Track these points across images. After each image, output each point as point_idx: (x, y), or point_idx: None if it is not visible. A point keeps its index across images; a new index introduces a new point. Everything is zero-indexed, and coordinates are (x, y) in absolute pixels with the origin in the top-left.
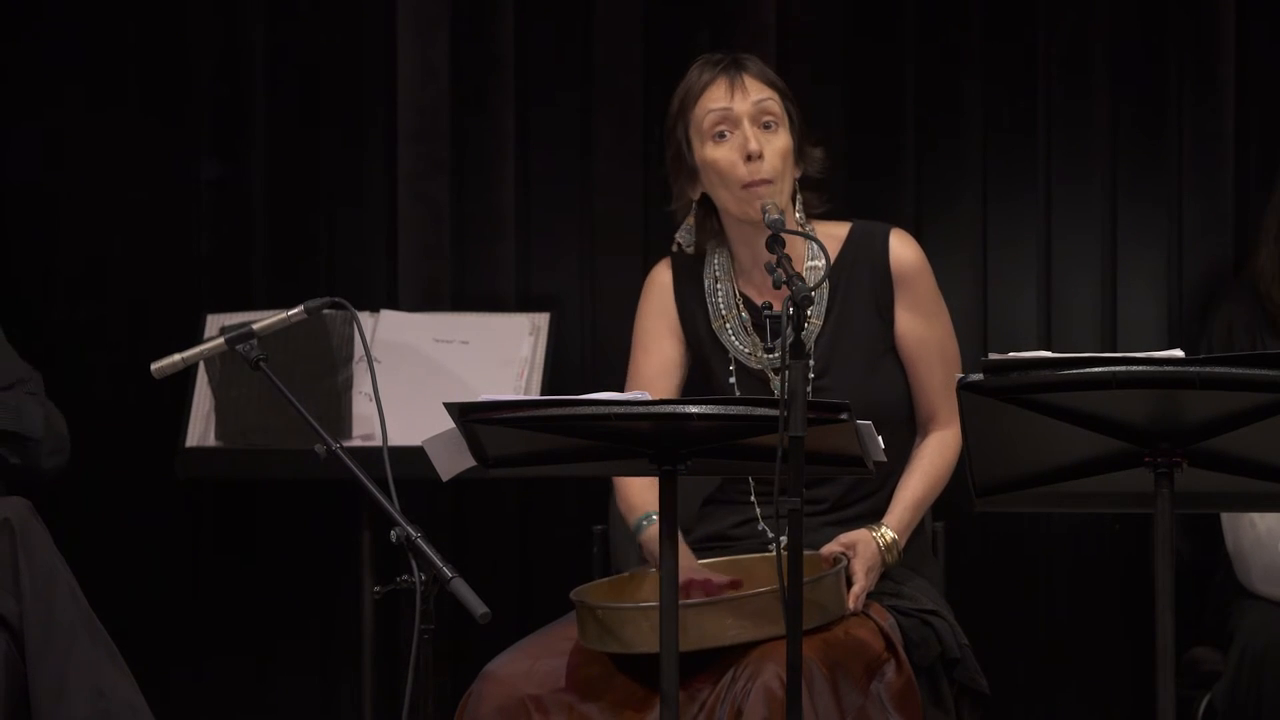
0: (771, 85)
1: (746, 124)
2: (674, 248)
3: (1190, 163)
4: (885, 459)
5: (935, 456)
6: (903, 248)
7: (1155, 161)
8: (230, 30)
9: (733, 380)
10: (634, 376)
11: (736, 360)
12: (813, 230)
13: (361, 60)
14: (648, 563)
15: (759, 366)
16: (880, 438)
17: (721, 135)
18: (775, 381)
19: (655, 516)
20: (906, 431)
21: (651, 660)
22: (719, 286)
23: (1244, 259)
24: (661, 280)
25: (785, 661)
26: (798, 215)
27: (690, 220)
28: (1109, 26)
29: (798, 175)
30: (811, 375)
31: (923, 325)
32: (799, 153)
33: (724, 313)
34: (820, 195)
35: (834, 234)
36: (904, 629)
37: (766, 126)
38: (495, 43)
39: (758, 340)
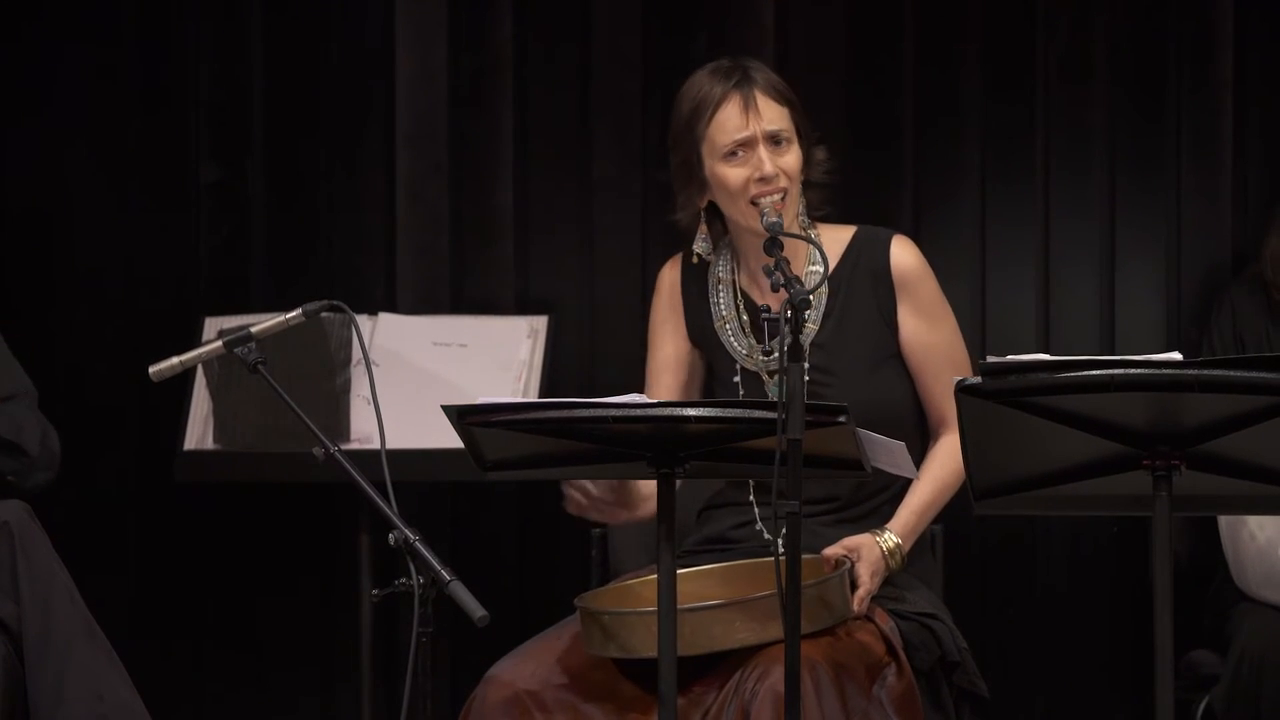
0: (782, 99)
1: (761, 147)
2: (693, 259)
3: (1189, 165)
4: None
5: (947, 460)
6: (903, 253)
7: (1154, 164)
8: (229, 34)
9: (737, 380)
10: (648, 374)
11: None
12: (817, 234)
13: (360, 63)
14: (649, 566)
15: (755, 369)
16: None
17: (734, 155)
18: (770, 384)
19: None
20: (910, 437)
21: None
22: (722, 287)
23: (1243, 260)
24: (670, 279)
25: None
26: (801, 217)
27: (703, 229)
28: (1109, 27)
29: (803, 179)
30: (807, 378)
31: (927, 330)
32: (806, 161)
33: (724, 314)
34: (822, 195)
35: (837, 238)
36: (904, 632)
37: (778, 144)
38: (493, 45)
39: (755, 342)
